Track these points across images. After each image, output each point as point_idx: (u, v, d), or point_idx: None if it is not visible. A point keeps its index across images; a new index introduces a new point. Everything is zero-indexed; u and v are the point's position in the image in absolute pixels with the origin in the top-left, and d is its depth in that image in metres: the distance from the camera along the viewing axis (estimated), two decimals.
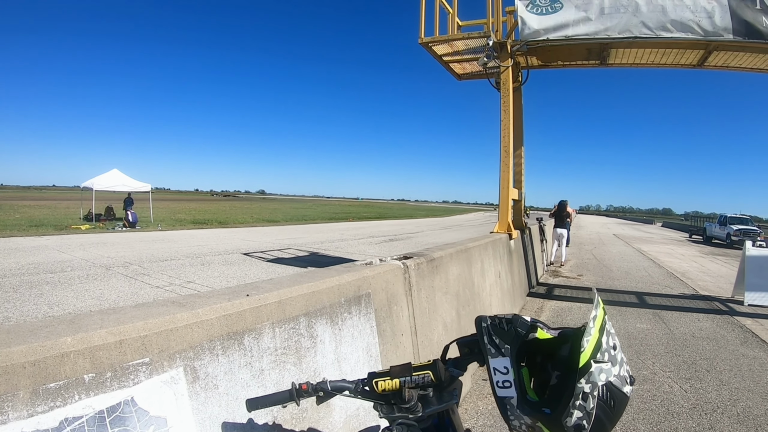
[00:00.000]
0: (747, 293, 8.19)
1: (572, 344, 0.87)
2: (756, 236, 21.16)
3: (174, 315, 1.19)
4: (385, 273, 2.31)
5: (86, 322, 1.11)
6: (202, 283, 8.01)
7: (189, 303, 1.31)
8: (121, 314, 1.19)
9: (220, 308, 1.30)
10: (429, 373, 0.96)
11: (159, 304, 1.30)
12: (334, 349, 1.79)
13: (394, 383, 0.96)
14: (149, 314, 1.20)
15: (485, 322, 0.94)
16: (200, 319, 1.24)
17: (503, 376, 0.89)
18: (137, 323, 1.12)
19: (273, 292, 1.51)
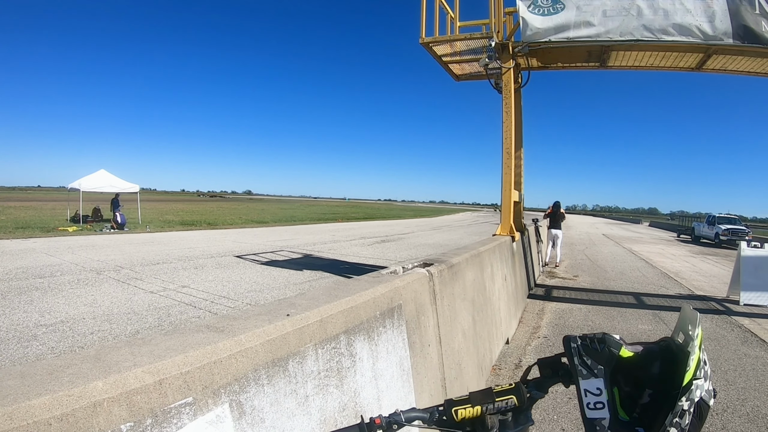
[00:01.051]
0: (743, 293, 8.30)
1: (668, 361, 0.85)
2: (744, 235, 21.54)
3: (216, 344, 1.07)
4: (413, 282, 2.22)
5: (114, 357, 0.97)
6: (198, 287, 7.82)
7: (228, 328, 1.19)
8: (153, 346, 1.05)
9: (262, 333, 1.19)
10: (513, 398, 0.91)
11: (194, 330, 1.17)
12: (371, 366, 1.70)
13: (475, 410, 0.89)
14: (187, 344, 1.06)
15: (575, 342, 0.90)
16: (244, 346, 1.12)
17: (595, 397, 0.86)
18: (176, 358, 0.99)
19: (314, 310, 1.41)
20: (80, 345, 4.76)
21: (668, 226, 47.49)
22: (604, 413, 0.85)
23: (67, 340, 4.91)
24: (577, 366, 0.88)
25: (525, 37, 6.43)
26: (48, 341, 4.85)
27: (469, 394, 0.93)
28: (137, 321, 5.70)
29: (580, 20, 6.30)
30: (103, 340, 4.95)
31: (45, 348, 4.63)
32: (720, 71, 7.41)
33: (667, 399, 0.81)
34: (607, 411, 0.86)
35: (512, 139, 6.62)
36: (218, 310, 6.33)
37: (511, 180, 6.75)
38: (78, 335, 5.09)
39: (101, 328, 5.38)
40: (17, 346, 4.67)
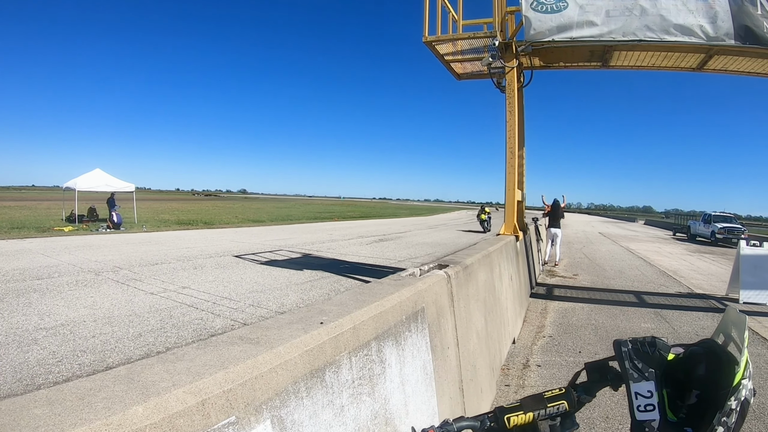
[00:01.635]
0: (742, 291, 8.36)
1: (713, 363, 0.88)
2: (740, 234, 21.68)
3: (255, 358, 1.02)
4: (434, 285, 2.19)
5: (149, 377, 0.90)
6: (198, 288, 7.75)
7: (263, 339, 1.14)
8: (189, 362, 0.99)
9: (300, 343, 1.15)
10: (564, 403, 0.93)
11: (228, 343, 1.12)
12: (399, 371, 1.67)
13: (527, 417, 0.92)
14: (225, 359, 1.01)
15: (625, 346, 0.92)
16: (283, 359, 1.08)
17: (646, 399, 0.88)
18: (217, 375, 0.93)
19: (346, 317, 1.37)
20: (82, 349, 4.66)
21: (663, 224, 47.77)
22: (654, 415, 0.87)
23: (68, 344, 4.80)
24: (628, 369, 0.90)
25: (528, 37, 6.40)
26: (49, 345, 4.75)
27: (521, 400, 0.94)
28: (139, 323, 5.62)
29: (583, 20, 6.29)
30: (105, 343, 4.85)
31: (46, 353, 4.53)
32: (721, 71, 7.43)
33: (715, 399, 0.83)
34: (657, 413, 0.87)
35: (516, 139, 6.60)
36: (221, 311, 6.28)
37: (515, 179, 6.74)
38: (79, 339, 4.99)
39: (103, 331, 5.29)
40: (17, 350, 4.55)
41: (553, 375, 4.41)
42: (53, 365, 4.22)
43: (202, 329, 5.45)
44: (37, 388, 3.71)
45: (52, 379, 3.91)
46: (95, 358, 4.42)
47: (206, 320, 5.83)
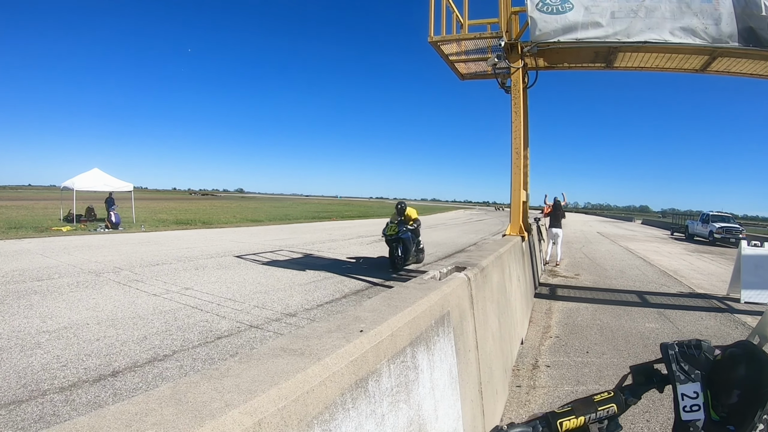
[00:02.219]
0: (743, 291, 8.40)
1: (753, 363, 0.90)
2: (738, 233, 21.77)
3: (305, 371, 0.99)
4: (456, 288, 2.18)
5: (198, 396, 0.84)
6: (201, 289, 7.71)
7: (307, 350, 1.11)
8: (236, 378, 0.94)
9: (345, 353, 1.12)
10: (613, 406, 0.94)
11: (271, 355, 1.08)
12: (430, 376, 1.65)
13: (579, 421, 0.92)
14: (272, 373, 0.96)
15: (672, 349, 0.95)
16: (331, 371, 1.05)
17: (692, 400, 0.91)
18: (271, 392, 0.89)
19: (384, 324, 1.35)
20: (87, 353, 4.58)
21: (661, 223, 47.93)
22: (699, 415, 0.90)
23: (72, 348, 4.72)
24: (675, 371, 0.93)
25: (534, 37, 6.39)
26: (52, 349, 4.66)
27: (571, 404, 0.95)
28: (143, 326, 5.55)
29: (588, 21, 6.29)
30: (110, 346, 4.78)
31: (50, 357, 4.44)
32: (724, 73, 7.46)
33: (757, 398, 0.85)
34: (702, 413, 0.90)
35: (522, 139, 6.60)
36: (226, 313, 6.24)
37: (521, 180, 6.74)
38: (84, 342, 4.91)
39: (107, 334, 5.21)
40: (20, 354, 4.47)
41: (563, 375, 4.41)
42: (58, 370, 4.13)
43: (208, 331, 5.41)
44: (43, 394, 3.63)
45: (58, 384, 3.83)
46: (101, 362, 4.36)
47: (212, 322, 5.79)
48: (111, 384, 3.88)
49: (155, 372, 4.17)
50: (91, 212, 21.19)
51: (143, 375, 4.10)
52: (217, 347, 4.86)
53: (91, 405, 3.48)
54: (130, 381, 3.96)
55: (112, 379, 3.98)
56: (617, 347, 5.41)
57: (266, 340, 5.14)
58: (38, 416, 3.28)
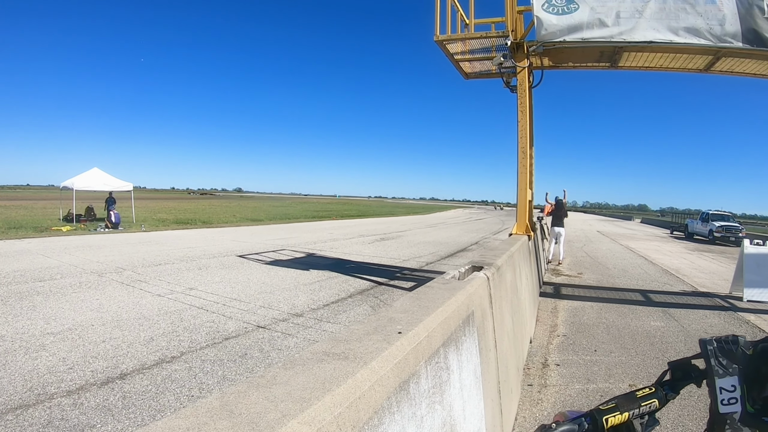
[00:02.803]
0: (746, 289, 8.42)
1: None
2: (738, 232, 21.80)
3: (355, 376, 0.97)
4: (479, 288, 2.17)
5: (250, 407, 0.81)
6: (205, 289, 7.68)
7: (350, 354, 1.08)
8: (285, 385, 0.90)
9: (389, 356, 1.10)
10: (655, 402, 0.97)
11: (314, 360, 1.06)
12: (459, 376, 1.64)
13: (623, 417, 0.94)
14: (321, 379, 0.93)
15: (711, 344, 0.97)
16: (378, 375, 1.03)
17: (730, 393, 0.93)
18: (325, 399, 0.86)
19: (420, 325, 1.34)
20: (93, 355, 4.52)
21: (660, 222, 48.01)
22: (737, 407, 0.92)
23: (78, 350, 4.65)
24: (714, 366, 0.95)
25: (539, 37, 6.39)
26: (58, 351, 4.59)
27: (615, 400, 0.97)
28: (149, 327, 5.51)
29: (594, 20, 6.31)
30: (116, 348, 4.73)
31: (56, 359, 4.37)
32: (727, 73, 7.48)
33: None
34: (739, 405, 0.92)
35: (528, 138, 6.60)
36: (232, 313, 6.21)
37: (527, 179, 6.74)
38: (89, 344, 4.84)
39: (113, 335, 5.15)
40: (25, 357, 4.39)
41: (573, 374, 4.41)
42: (64, 372, 4.07)
43: (215, 332, 5.38)
44: (50, 397, 3.57)
45: (65, 387, 3.75)
46: (108, 364, 4.29)
47: (218, 323, 5.76)
48: (119, 387, 3.82)
49: (164, 374, 4.11)
50: (91, 212, 21.11)
51: (152, 377, 4.04)
52: (226, 348, 4.83)
53: (101, 409, 3.41)
54: (139, 383, 3.90)
55: (120, 382, 3.92)
56: (624, 346, 5.41)
57: (275, 341, 5.13)
58: (46, 421, 3.20)
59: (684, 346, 5.48)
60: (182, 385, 3.90)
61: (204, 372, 4.19)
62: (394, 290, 8.17)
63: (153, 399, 3.62)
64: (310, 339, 5.23)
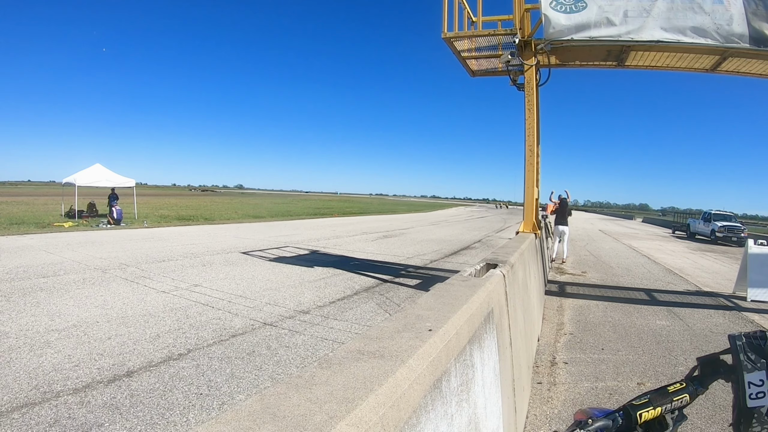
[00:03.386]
0: (750, 289, 8.41)
1: None
2: (740, 233, 21.76)
3: (395, 375, 0.94)
4: (497, 286, 2.16)
5: (293, 409, 0.78)
6: (210, 286, 7.67)
7: (385, 352, 1.06)
8: (325, 385, 0.88)
9: (424, 354, 1.09)
10: (686, 396, 0.99)
11: (350, 359, 1.03)
12: (482, 373, 1.64)
13: (656, 412, 0.97)
14: (361, 378, 0.91)
15: (740, 340, 0.99)
16: (416, 373, 1.01)
17: (758, 388, 0.96)
18: (369, 400, 0.83)
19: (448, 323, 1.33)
20: (99, 352, 4.47)
21: (661, 222, 47.97)
22: (765, 401, 0.96)
23: (83, 347, 4.59)
24: (743, 361, 0.98)
25: (547, 35, 6.37)
26: (63, 348, 4.53)
27: (648, 395, 0.99)
28: (155, 324, 5.47)
29: (601, 19, 6.30)
30: (122, 345, 4.69)
31: (61, 356, 4.31)
32: (733, 73, 7.48)
33: None
34: (767, 399, 0.96)
35: (535, 137, 6.59)
36: (238, 310, 6.20)
37: (534, 177, 6.73)
38: (95, 341, 4.79)
39: (118, 332, 5.11)
40: (30, 354, 4.34)
41: (581, 372, 4.41)
42: (70, 370, 4.01)
43: (221, 329, 5.36)
44: (56, 396, 3.51)
45: (71, 385, 3.70)
46: (114, 362, 4.24)
47: (224, 320, 5.74)
48: (127, 385, 3.76)
49: (171, 372, 4.07)
50: (93, 208, 21.10)
51: (159, 375, 3.99)
52: (233, 346, 4.81)
53: (108, 407, 3.36)
54: (147, 381, 3.84)
55: (127, 380, 3.87)
56: (631, 344, 5.41)
57: (282, 338, 5.12)
58: (53, 419, 3.15)
59: (690, 345, 5.48)
60: (190, 382, 3.87)
61: (212, 370, 4.16)
62: (400, 288, 8.16)
63: (161, 397, 3.58)
64: (318, 336, 5.22)
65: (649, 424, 0.97)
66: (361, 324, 5.77)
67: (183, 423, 3.19)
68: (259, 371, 4.16)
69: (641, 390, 4.01)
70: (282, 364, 4.36)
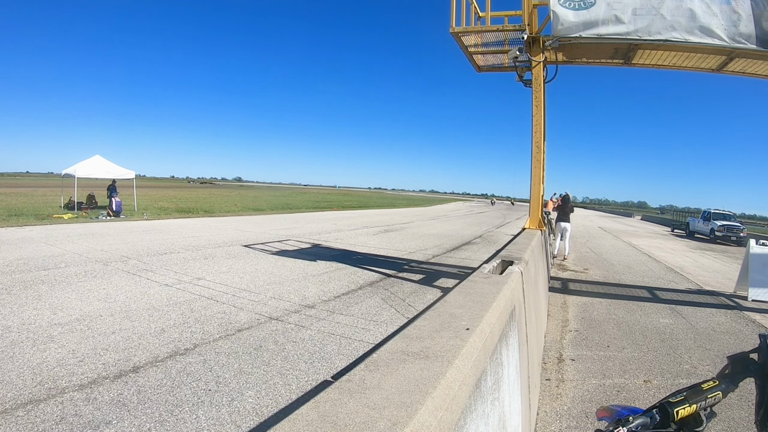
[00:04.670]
0: (751, 289, 8.44)
1: None
2: (739, 232, 21.81)
3: (445, 377, 0.93)
4: (518, 283, 2.15)
5: (353, 416, 0.76)
6: (214, 279, 7.64)
7: (430, 352, 1.04)
8: (378, 389, 0.85)
9: (467, 353, 1.08)
10: (719, 394, 1.01)
11: (396, 360, 1.00)
12: (508, 371, 1.64)
13: (691, 409, 0.98)
14: (413, 381, 0.88)
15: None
16: (463, 374, 1.00)
17: None
18: (428, 403, 0.80)
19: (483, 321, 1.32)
20: (104, 347, 4.41)
21: (660, 220, 48.08)
22: None
23: (87, 341, 4.50)
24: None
25: (555, 32, 6.34)
26: (67, 343, 4.42)
27: (684, 393, 1.01)
28: (159, 318, 5.42)
29: (610, 17, 6.29)
30: (127, 340, 4.63)
31: (65, 351, 4.24)
32: (739, 74, 7.48)
33: None
34: None
35: (542, 133, 6.58)
36: (243, 304, 6.19)
37: (540, 174, 6.72)
38: (99, 335, 4.72)
39: (122, 326, 5.05)
40: (33, 349, 4.26)
41: (588, 369, 4.42)
42: (75, 365, 3.94)
43: (227, 324, 5.34)
44: (61, 392, 3.42)
45: (76, 381, 3.64)
46: (120, 357, 4.18)
47: (229, 314, 5.72)
48: (133, 380, 3.70)
49: (178, 367, 4.01)
50: (92, 200, 21.00)
51: (166, 370, 3.93)
52: (240, 340, 4.78)
53: (115, 404, 3.30)
54: (153, 377, 3.78)
55: (134, 375, 3.79)
56: (636, 342, 5.43)
57: (289, 333, 5.11)
58: (59, 417, 3.08)
59: (694, 344, 5.50)
60: (198, 378, 3.82)
61: (219, 365, 4.12)
62: (404, 282, 8.16)
63: (169, 393, 3.52)
64: (325, 332, 5.21)
65: (684, 421, 0.98)
66: (367, 319, 5.76)
67: (192, 420, 3.15)
68: (267, 367, 4.14)
69: (648, 387, 4.03)
70: (290, 359, 4.34)
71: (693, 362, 4.82)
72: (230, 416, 3.23)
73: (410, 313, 6.13)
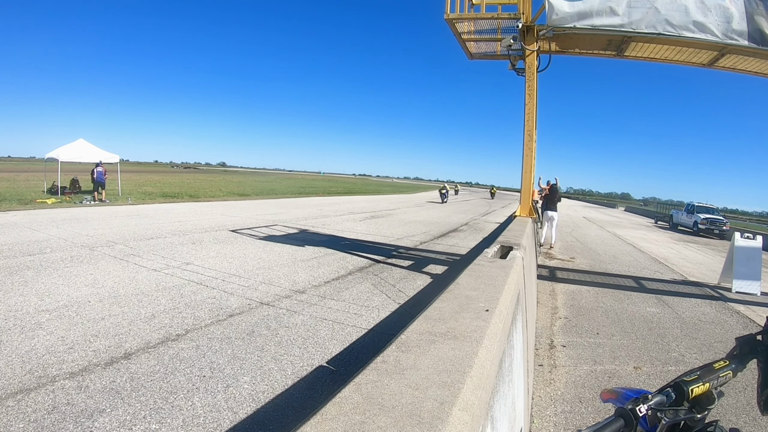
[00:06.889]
0: (735, 281, 8.62)
1: None
2: (722, 225, 22.27)
3: (477, 356, 0.93)
4: (521, 268, 2.15)
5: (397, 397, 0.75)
6: (202, 264, 7.55)
7: (458, 333, 1.04)
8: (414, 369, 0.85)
9: (492, 334, 1.08)
10: (730, 373, 1.04)
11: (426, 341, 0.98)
12: (516, 354, 1.63)
13: (705, 387, 1.00)
14: (449, 360, 0.88)
15: None
16: (492, 354, 1.01)
17: None
18: (467, 382, 0.81)
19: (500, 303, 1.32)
20: (93, 333, 4.32)
21: (643, 211, 48.81)
22: None
23: (76, 328, 4.40)
24: None
25: (550, 21, 6.34)
26: (56, 330, 4.33)
27: (698, 372, 1.03)
28: (149, 303, 5.33)
29: (604, 8, 6.32)
30: (117, 326, 4.54)
31: (54, 338, 4.14)
32: (730, 69, 7.58)
33: None
34: None
35: (534, 122, 6.59)
36: (233, 289, 6.13)
37: (531, 162, 6.75)
38: (88, 321, 4.62)
39: (111, 312, 4.95)
40: (21, 336, 4.12)
41: (579, 355, 4.50)
42: (65, 353, 3.85)
43: (218, 309, 5.29)
44: (52, 380, 3.35)
45: (67, 369, 3.57)
46: (110, 343, 4.09)
47: (220, 299, 5.67)
48: (125, 367, 3.64)
49: (171, 353, 3.95)
50: (76, 184, 20.53)
51: (158, 357, 3.87)
52: (231, 326, 4.74)
53: (108, 391, 3.24)
54: (146, 363, 3.73)
55: (125, 362, 3.72)
56: (624, 329, 5.53)
57: (281, 318, 5.09)
58: (51, 406, 3.02)
59: (680, 332, 5.63)
60: (191, 364, 3.77)
61: (212, 351, 4.08)
62: (393, 268, 8.18)
63: (162, 380, 3.47)
64: (318, 317, 5.20)
65: (696, 399, 1.00)
66: (358, 304, 5.77)
67: (188, 407, 3.10)
68: (261, 352, 4.12)
69: (638, 374, 4.12)
70: (284, 345, 4.33)
71: (681, 350, 4.93)
72: (226, 402, 3.21)
73: (401, 299, 6.15)
